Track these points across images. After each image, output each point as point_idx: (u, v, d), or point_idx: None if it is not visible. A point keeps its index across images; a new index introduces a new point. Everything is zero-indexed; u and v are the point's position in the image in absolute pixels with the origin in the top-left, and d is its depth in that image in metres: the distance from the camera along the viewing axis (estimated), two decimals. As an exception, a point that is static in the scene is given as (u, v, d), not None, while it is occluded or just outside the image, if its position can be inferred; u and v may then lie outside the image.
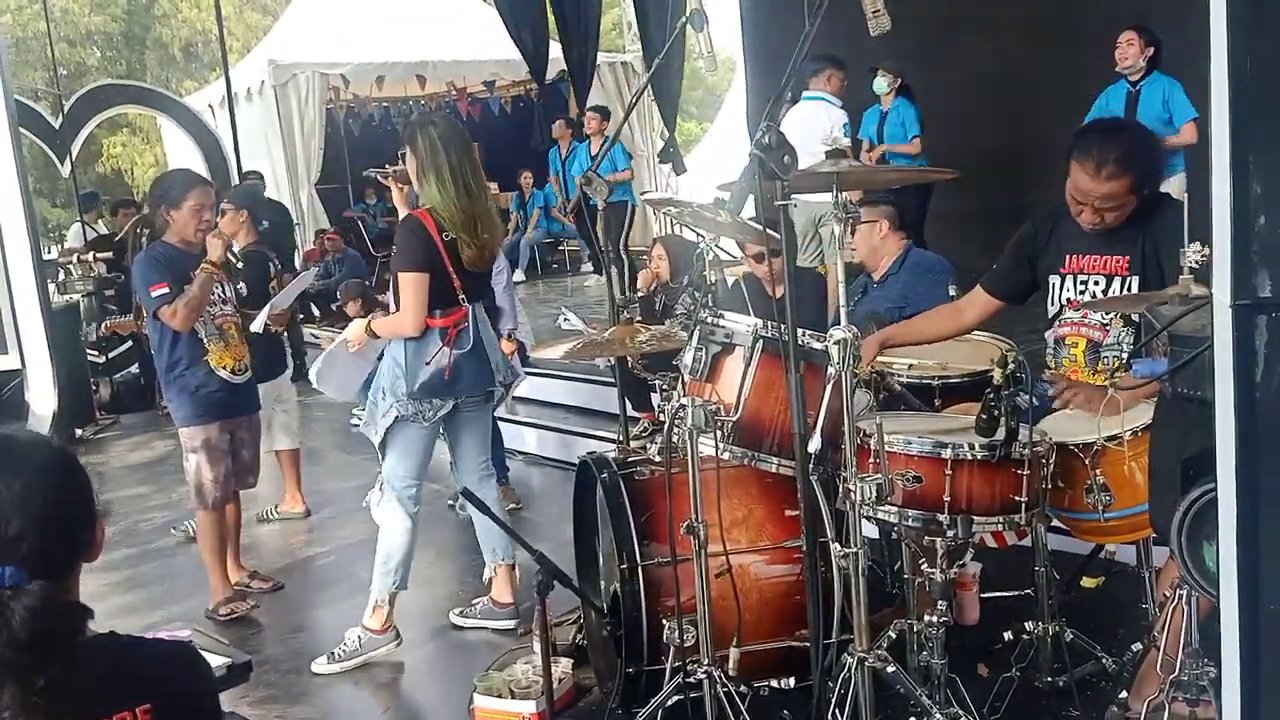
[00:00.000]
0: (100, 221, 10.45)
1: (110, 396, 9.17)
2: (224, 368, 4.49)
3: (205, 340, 4.45)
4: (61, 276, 9.31)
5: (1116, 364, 3.10)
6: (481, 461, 4.24)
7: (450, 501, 5.65)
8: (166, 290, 4.28)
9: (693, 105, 26.78)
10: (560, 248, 12.97)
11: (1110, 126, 3.15)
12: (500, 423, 6.95)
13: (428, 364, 3.85)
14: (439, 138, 3.83)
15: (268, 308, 4.80)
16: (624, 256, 10.68)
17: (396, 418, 3.92)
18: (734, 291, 4.50)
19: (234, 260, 4.60)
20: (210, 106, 14.05)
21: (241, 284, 4.82)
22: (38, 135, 11.06)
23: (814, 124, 6.58)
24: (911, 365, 3.62)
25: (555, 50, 10.62)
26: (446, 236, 3.83)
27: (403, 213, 4.09)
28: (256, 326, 4.72)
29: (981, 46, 8.71)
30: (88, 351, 8.78)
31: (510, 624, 4.17)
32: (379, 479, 4.08)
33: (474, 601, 4.32)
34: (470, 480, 4.13)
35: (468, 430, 4.16)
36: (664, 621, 3.10)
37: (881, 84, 7.74)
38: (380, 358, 4.08)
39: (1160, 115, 6.23)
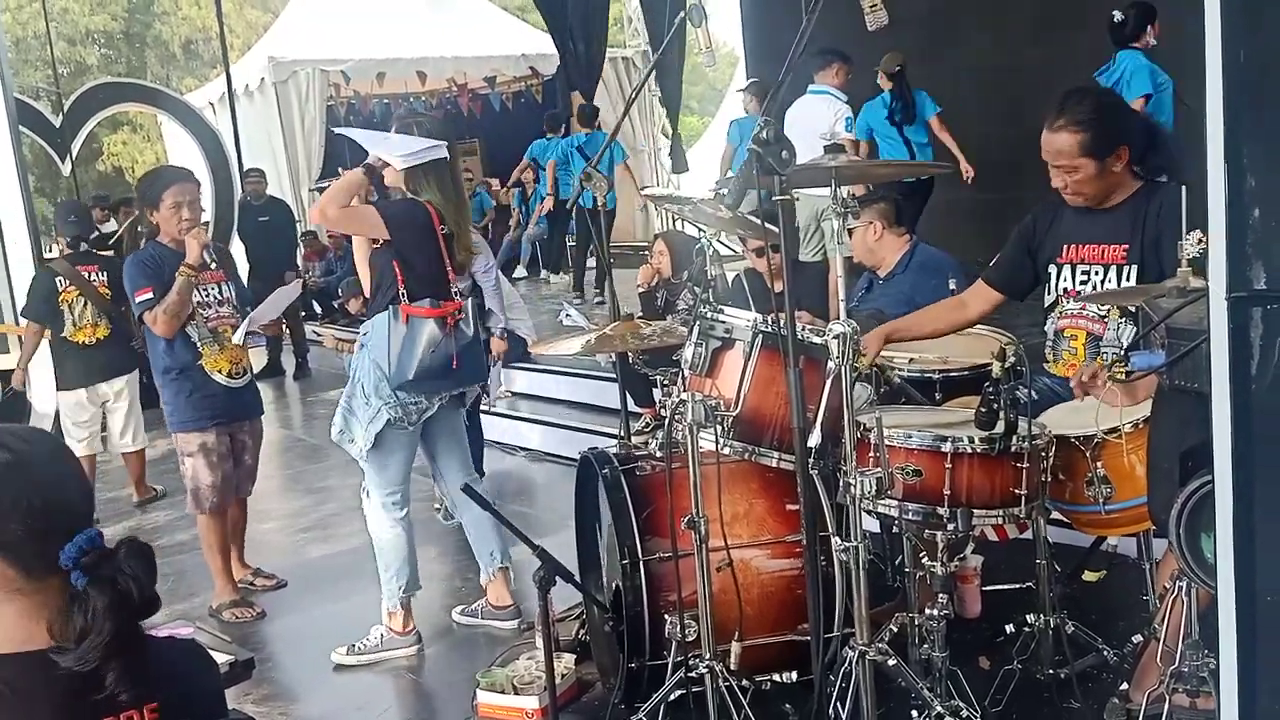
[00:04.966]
0: (111, 219, 10.40)
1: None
2: (220, 371, 4.38)
3: (199, 344, 4.33)
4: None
5: (1115, 359, 3.09)
6: (466, 463, 4.24)
7: (437, 507, 5.55)
8: (150, 295, 4.19)
9: (693, 100, 26.76)
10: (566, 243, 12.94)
11: (1078, 89, 3.20)
12: (501, 419, 6.97)
13: (432, 351, 3.77)
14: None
15: (248, 320, 4.46)
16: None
17: (387, 421, 3.86)
18: (735, 287, 4.50)
19: (210, 260, 4.39)
20: (211, 104, 14.06)
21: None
22: (38, 134, 11.01)
23: (818, 118, 6.59)
24: (912, 359, 3.61)
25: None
26: (445, 230, 3.84)
27: (397, 193, 3.97)
28: (237, 339, 4.44)
29: (982, 40, 8.71)
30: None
31: (512, 623, 4.16)
32: (363, 486, 4.05)
33: (474, 603, 4.31)
34: (458, 483, 4.10)
35: (445, 433, 4.14)
36: (666, 616, 3.10)
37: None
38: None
39: (1118, 88, 6.14)
